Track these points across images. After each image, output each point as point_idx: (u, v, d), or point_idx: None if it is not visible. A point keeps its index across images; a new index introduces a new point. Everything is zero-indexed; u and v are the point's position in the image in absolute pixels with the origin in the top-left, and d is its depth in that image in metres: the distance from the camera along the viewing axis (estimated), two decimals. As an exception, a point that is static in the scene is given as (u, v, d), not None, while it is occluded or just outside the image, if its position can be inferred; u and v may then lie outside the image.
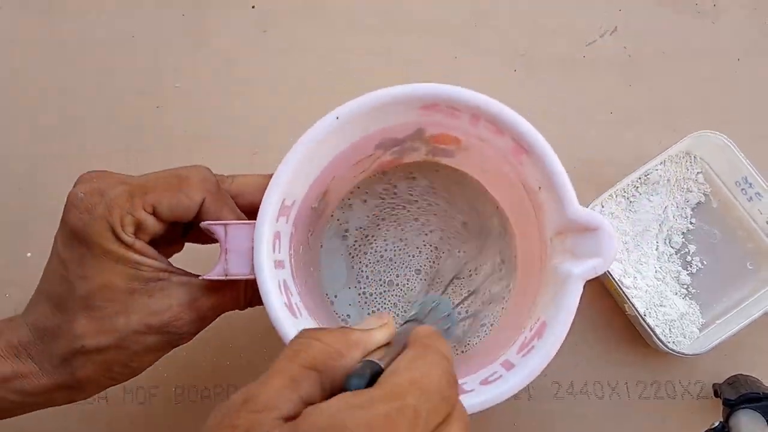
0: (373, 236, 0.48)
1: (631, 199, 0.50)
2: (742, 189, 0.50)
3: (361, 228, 0.48)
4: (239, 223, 0.36)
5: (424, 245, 0.48)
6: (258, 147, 0.53)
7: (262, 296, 0.35)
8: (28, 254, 0.52)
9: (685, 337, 0.49)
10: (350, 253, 0.47)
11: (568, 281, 0.34)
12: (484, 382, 0.35)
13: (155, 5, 0.56)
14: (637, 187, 0.50)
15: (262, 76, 0.54)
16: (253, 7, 0.55)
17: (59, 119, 0.54)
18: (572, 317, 0.34)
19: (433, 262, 0.47)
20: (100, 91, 0.54)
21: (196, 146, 0.53)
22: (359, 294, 0.47)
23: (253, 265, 0.35)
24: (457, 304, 0.45)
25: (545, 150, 0.35)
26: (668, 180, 0.51)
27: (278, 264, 0.37)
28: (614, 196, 0.50)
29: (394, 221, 0.48)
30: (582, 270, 0.34)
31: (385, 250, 0.48)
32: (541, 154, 0.35)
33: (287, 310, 0.35)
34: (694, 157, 0.51)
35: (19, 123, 0.54)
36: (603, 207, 0.50)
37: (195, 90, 0.54)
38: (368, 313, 0.47)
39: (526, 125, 0.36)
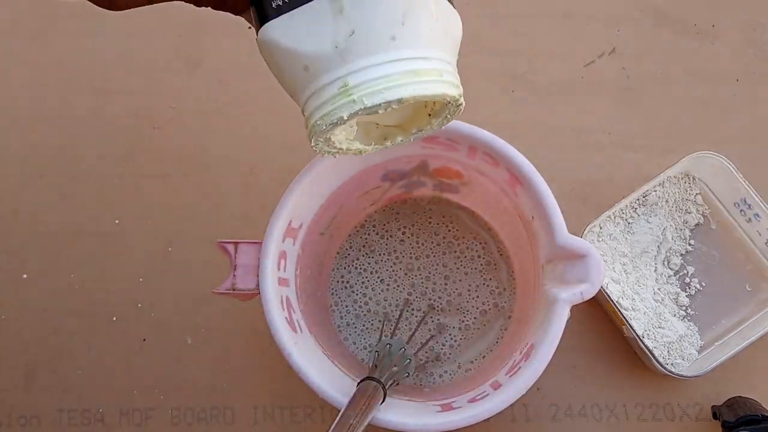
0: (374, 262, 0.52)
1: (630, 220, 0.53)
2: (741, 210, 0.53)
3: (363, 250, 0.52)
4: (248, 242, 0.41)
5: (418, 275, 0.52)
6: (253, 167, 0.57)
7: (264, 310, 0.40)
8: (24, 276, 0.56)
9: (683, 359, 0.51)
10: (353, 280, 0.52)
11: (555, 305, 0.38)
12: (472, 400, 0.39)
13: (150, 26, 0.59)
14: (636, 209, 0.53)
15: (258, 96, 0.58)
16: (249, 27, 0.59)
17: (54, 140, 0.58)
18: (558, 340, 0.38)
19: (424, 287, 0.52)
20: (95, 113, 0.58)
21: (192, 167, 0.57)
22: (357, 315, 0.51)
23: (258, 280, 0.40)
24: (411, 336, 0.50)
25: (536, 179, 0.40)
26: (667, 201, 0.54)
27: (282, 281, 0.42)
28: (612, 218, 0.53)
29: (394, 251, 0.53)
30: (569, 295, 0.38)
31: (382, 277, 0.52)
32: (533, 183, 0.40)
33: (287, 324, 0.40)
34: (693, 178, 0.54)
35: (13, 144, 0.58)
36: (601, 228, 0.53)
37: (190, 111, 0.58)
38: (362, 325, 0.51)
39: (518, 155, 0.40)
